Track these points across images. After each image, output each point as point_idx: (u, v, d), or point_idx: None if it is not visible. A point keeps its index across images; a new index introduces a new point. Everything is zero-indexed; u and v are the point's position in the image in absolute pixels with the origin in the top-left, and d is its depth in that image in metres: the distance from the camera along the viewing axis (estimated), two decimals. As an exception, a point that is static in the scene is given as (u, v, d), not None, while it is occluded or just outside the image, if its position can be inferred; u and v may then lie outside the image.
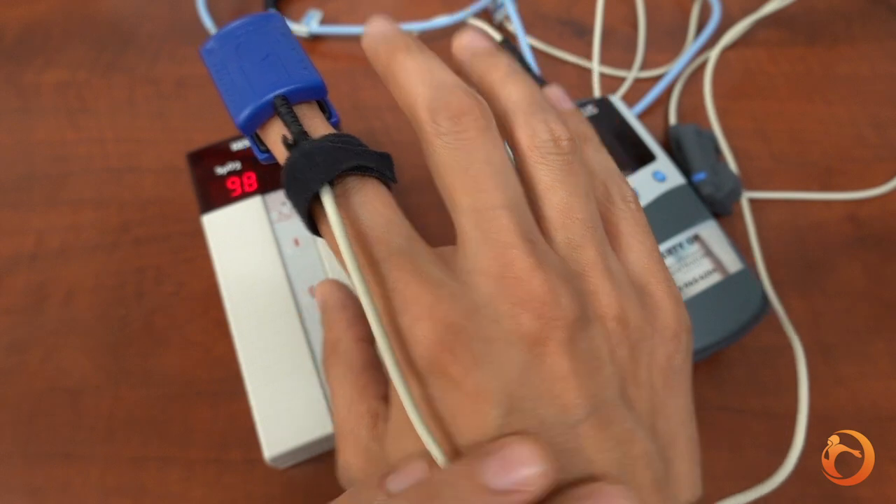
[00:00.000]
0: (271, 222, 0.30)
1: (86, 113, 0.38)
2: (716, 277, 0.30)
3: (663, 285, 0.19)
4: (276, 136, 0.19)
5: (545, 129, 0.19)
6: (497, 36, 0.40)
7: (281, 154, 0.19)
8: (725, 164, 0.35)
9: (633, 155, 0.33)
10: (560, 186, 0.18)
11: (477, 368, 0.16)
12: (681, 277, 0.30)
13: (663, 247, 0.30)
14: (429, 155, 0.18)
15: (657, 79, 0.40)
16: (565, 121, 0.20)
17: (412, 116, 0.19)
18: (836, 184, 0.36)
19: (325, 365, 0.22)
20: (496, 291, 0.17)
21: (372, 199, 0.18)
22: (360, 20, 0.43)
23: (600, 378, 0.17)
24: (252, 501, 0.27)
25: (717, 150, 0.36)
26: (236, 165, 0.32)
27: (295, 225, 0.30)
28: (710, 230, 0.31)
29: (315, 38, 0.42)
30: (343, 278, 0.29)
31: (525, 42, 0.40)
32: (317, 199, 0.18)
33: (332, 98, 0.39)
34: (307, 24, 0.41)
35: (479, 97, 0.19)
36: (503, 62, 0.21)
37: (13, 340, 0.31)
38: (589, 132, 0.22)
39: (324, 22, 0.42)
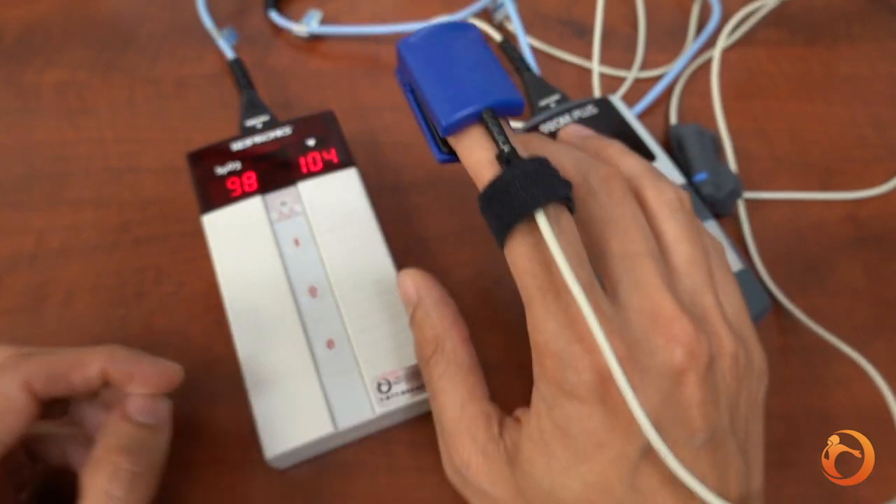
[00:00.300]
0: (271, 222, 0.30)
1: (86, 113, 0.38)
2: (716, 277, 0.30)
3: (752, 330, 0.22)
4: (472, 144, 0.20)
5: (671, 190, 0.22)
6: (497, 36, 0.40)
7: (478, 165, 0.20)
8: (726, 165, 0.35)
9: (633, 155, 0.33)
10: (685, 239, 0.21)
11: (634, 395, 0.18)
12: (681, 277, 0.30)
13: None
14: (580, 212, 0.21)
15: (657, 79, 0.40)
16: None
17: None
18: (836, 184, 0.36)
19: (429, 362, 0.23)
20: (651, 328, 0.19)
21: (568, 229, 0.19)
22: (360, 20, 0.43)
23: (719, 408, 0.20)
24: (252, 501, 0.27)
25: (718, 151, 0.36)
26: (236, 165, 0.32)
27: (295, 225, 0.30)
28: (710, 230, 0.31)
29: (315, 38, 0.42)
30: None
31: (525, 42, 0.40)
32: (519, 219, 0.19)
33: (332, 98, 0.39)
34: (307, 24, 0.41)
35: (614, 167, 0.22)
36: (613, 141, 0.25)
37: (13, 340, 0.31)
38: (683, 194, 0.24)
39: (324, 22, 0.42)
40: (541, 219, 0.18)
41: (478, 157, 0.20)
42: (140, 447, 0.22)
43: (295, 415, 0.26)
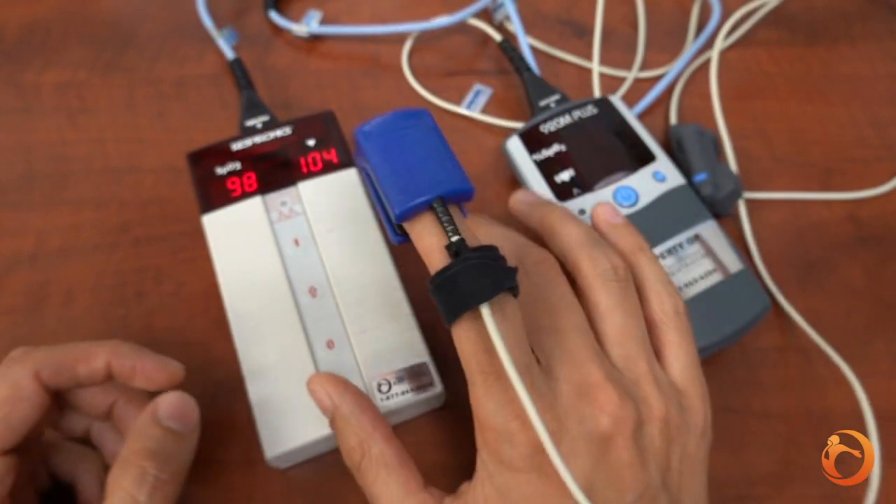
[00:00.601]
0: (271, 222, 0.30)
1: (86, 113, 0.38)
2: (716, 277, 0.30)
3: (699, 390, 0.24)
4: (422, 230, 0.21)
5: (606, 260, 0.24)
6: (497, 36, 0.40)
7: (429, 249, 0.21)
8: (726, 165, 0.35)
9: (633, 155, 0.33)
10: (618, 309, 0.23)
11: (567, 462, 0.19)
12: (681, 278, 0.30)
13: (663, 247, 0.30)
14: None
15: (657, 79, 0.40)
16: (620, 236, 0.25)
17: None
18: (836, 184, 0.36)
19: (360, 470, 0.23)
20: (579, 398, 0.21)
21: (511, 315, 0.20)
22: (360, 20, 0.43)
23: (648, 468, 0.21)
24: (252, 501, 0.27)
25: (718, 151, 0.36)
26: (236, 165, 0.32)
27: (295, 225, 0.30)
28: (710, 230, 0.31)
29: (315, 38, 0.42)
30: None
31: (525, 42, 0.40)
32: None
33: (332, 98, 0.39)
34: (307, 24, 0.41)
35: (547, 252, 0.24)
36: (557, 207, 0.27)
37: (13, 340, 0.31)
38: (643, 243, 0.26)
39: (324, 22, 0.42)
40: (485, 311, 0.19)
41: (429, 242, 0.21)
42: (167, 453, 0.23)
43: (295, 415, 0.26)
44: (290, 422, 0.26)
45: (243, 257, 0.29)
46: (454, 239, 0.20)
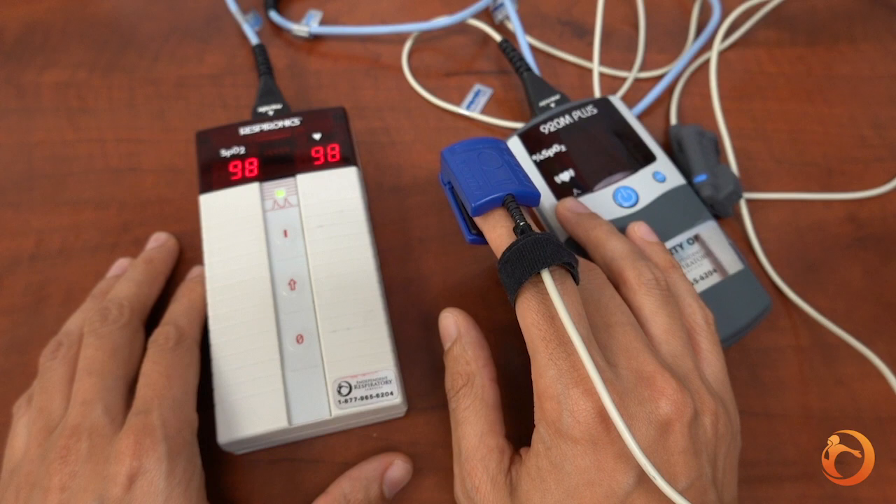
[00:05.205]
0: (264, 210, 0.30)
1: (86, 113, 0.38)
2: (716, 278, 0.30)
3: (731, 395, 0.25)
4: (495, 223, 0.24)
5: (648, 271, 0.25)
6: (497, 36, 0.40)
7: (499, 238, 0.23)
8: (726, 166, 0.35)
9: (633, 155, 0.33)
10: (662, 311, 0.24)
11: (622, 439, 0.20)
12: (681, 277, 0.30)
13: (663, 247, 0.30)
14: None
15: (657, 79, 0.40)
16: (654, 253, 0.27)
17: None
18: (836, 184, 0.36)
19: (458, 394, 0.25)
20: (638, 381, 0.22)
21: (570, 291, 0.22)
22: (360, 20, 0.43)
23: (700, 458, 0.22)
24: (243, 491, 0.27)
25: (718, 151, 0.36)
26: (241, 150, 0.32)
27: (287, 216, 0.30)
28: (710, 231, 0.31)
29: (315, 38, 0.42)
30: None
31: (525, 42, 0.40)
32: (528, 280, 0.22)
33: (332, 98, 0.39)
34: (307, 24, 0.41)
35: (597, 266, 0.26)
36: (603, 222, 0.28)
37: (13, 340, 0.31)
38: (673, 261, 0.27)
39: (324, 22, 0.42)
40: (546, 275, 0.21)
41: (499, 232, 0.23)
42: None
43: (253, 404, 0.26)
44: (246, 411, 0.26)
45: (232, 241, 0.29)
46: (521, 223, 0.23)
